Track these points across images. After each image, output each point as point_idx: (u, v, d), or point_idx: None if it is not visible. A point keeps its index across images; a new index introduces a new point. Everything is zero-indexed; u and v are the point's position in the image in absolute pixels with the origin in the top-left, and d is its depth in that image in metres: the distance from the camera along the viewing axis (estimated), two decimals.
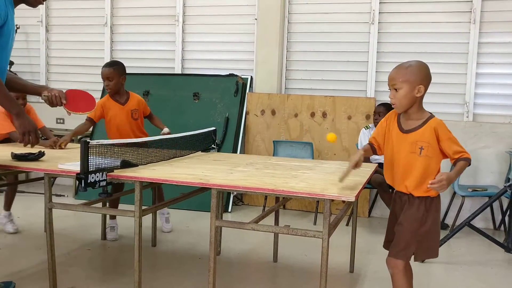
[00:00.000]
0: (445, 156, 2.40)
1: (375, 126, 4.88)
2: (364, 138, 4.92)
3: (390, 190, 4.55)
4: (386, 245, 2.58)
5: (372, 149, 2.57)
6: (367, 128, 4.94)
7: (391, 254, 2.45)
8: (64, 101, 2.88)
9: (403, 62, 2.40)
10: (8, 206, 4.27)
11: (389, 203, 4.61)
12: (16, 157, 2.90)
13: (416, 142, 2.35)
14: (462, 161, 2.35)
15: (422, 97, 2.36)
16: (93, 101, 3.14)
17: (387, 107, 4.78)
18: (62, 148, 3.68)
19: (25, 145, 2.66)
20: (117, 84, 3.96)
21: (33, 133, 2.59)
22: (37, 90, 2.93)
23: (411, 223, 2.40)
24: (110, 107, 3.99)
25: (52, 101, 2.85)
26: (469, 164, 2.38)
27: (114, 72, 3.94)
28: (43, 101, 2.91)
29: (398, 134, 2.43)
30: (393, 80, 2.36)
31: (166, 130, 3.95)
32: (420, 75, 2.34)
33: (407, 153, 2.38)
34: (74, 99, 2.98)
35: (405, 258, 2.42)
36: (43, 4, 2.78)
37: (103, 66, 4.01)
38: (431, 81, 2.41)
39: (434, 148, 2.35)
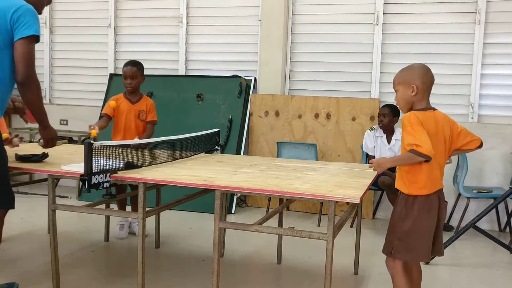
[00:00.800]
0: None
1: (380, 127, 4.86)
2: (369, 140, 4.88)
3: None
4: None
5: None
6: (372, 129, 4.91)
7: (382, 250, 2.55)
8: (26, 111, 3.09)
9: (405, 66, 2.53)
10: None
11: (392, 201, 4.59)
12: (20, 158, 2.90)
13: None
14: (408, 152, 2.30)
15: (422, 95, 2.43)
16: None
17: (392, 108, 4.77)
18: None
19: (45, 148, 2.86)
20: (138, 83, 4.06)
21: (55, 139, 2.82)
22: None
23: (393, 217, 2.49)
24: (121, 103, 4.04)
25: (17, 110, 3.10)
26: (420, 159, 2.29)
27: (138, 71, 4.05)
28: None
29: None
30: (393, 83, 2.53)
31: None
32: (412, 75, 2.44)
33: (403, 150, 2.45)
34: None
35: (385, 252, 2.51)
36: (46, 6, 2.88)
37: (126, 64, 4.07)
38: (435, 82, 2.48)
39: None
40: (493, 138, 5.05)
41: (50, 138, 2.79)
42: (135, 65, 4.06)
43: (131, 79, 4.01)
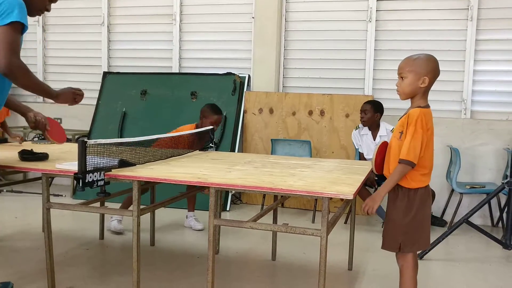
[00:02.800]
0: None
1: (363, 124, 4.85)
2: (354, 139, 4.90)
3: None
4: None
5: None
6: (357, 128, 4.90)
7: (383, 246, 2.54)
8: (48, 128, 3.05)
9: (413, 54, 2.49)
10: None
11: (364, 198, 4.58)
12: (24, 157, 2.91)
13: (399, 126, 2.45)
14: (399, 166, 2.37)
15: (426, 88, 2.43)
16: (64, 134, 3.22)
17: (373, 104, 4.77)
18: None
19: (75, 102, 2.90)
20: None
21: (75, 93, 2.89)
22: (21, 110, 3.12)
23: (394, 213, 2.48)
24: None
25: (38, 126, 3.03)
26: (408, 170, 2.37)
27: None
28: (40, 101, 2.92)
29: None
30: (401, 69, 2.46)
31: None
32: (426, 67, 2.41)
33: (393, 138, 2.47)
34: (52, 127, 3.09)
35: (392, 249, 2.50)
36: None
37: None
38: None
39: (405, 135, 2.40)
40: (486, 134, 5.09)
41: (71, 99, 2.82)
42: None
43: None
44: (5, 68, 2.36)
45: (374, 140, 4.83)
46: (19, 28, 2.42)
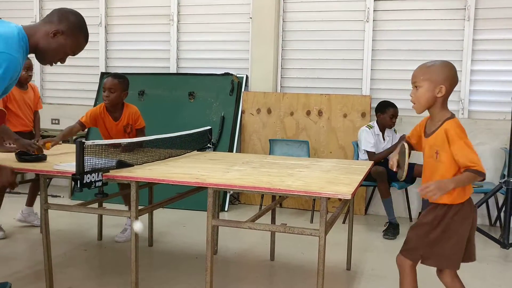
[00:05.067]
0: None
1: (389, 127, 4.87)
2: (370, 137, 4.76)
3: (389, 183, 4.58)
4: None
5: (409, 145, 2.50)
6: (371, 127, 4.83)
7: (400, 251, 2.42)
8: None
9: (429, 61, 2.33)
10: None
11: (385, 194, 4.59)
12: (22, 158, 2.90)
13: (432, 146, 2.27)
14: (468, 172, 2.17)
15: (444, 98, 2.26)
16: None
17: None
18: (47, 149, 3.34)
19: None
20: (117, 98, 3.72)
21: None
22: None
23: (422, 226, 2.34)
24: (104, 120, 3.81)
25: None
26: (482, 178, 2.19)
27: (119, 85, 3.71)
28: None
29: (423, 138, 2.37)
30: (415, 77, 2.29)
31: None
32: (443, 74, 2.23)
33: (426, 157, 2.31)
34: None
35: (410, 258, 2.37)
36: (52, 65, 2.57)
37: (108, 76, 3.82)
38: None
39: (447, 153, 2.22)
40: (483, 133, 5.10)
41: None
42: (116, 78, 3.73)
43: (110, 92, 3.67)
44: None
45: (384, 141, 4.84)
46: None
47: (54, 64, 2.50)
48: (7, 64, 2.13)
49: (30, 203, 4.43)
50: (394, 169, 2.43)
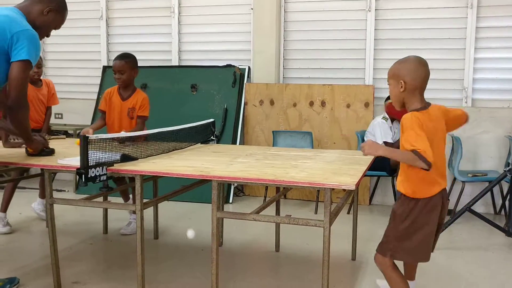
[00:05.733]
0: None
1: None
2: (387, 129, 4.73)
3: None
4: None
5: None
6: (386, 119, 4.79)
7: (376, 249, 2.46)
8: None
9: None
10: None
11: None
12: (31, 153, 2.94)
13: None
14: (408, 151, 2.18)
15: (410, 91, 2.32)
16: None
17: None
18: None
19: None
20: (129, 78, 3.85)
21: (44, 145, 2.98)
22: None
23: (393, 218, 2.40)
24: (112, 99, 3.92)
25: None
26: (426, 166, 2.15)
27: (127, 65, 3.83)
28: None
29: None
30: (387, 77, 2.43)
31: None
32: (402, 70, 2.33)
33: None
34: None
35: (383, 253, 2.40)
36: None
37: (115, 59, 3.91)
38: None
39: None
40: (487, 122, 5.08)
41: (40, 147, 2.91)
42: (123, 58, 3.85)
43: (120, 74, 3.81)
44: (15, 103, 2.54)
45: (393, 132, 4.83)
46: (30, 66, 2.56)
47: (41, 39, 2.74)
48: (36, 37, 2.57)
49: (43, 195, 4.49)
50: None
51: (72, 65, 6.67)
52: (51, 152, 2.98)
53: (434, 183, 2.34)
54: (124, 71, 3.83)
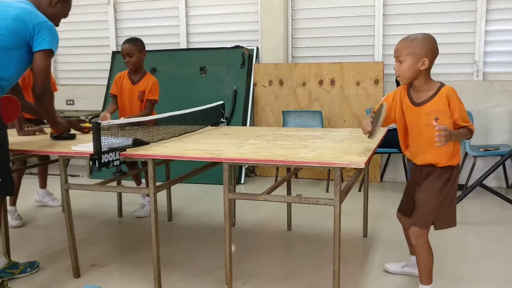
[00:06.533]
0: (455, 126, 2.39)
1: None
2: None
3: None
4: (403, 211, 2.72)
5: None
6: None
7: (416, 224, 2.47)
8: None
9: (409, 35, 2.41)
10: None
11: None
12: (55, 137, 3.11)
13: (431, 113, 2.37)
14: (465, 129, 2.37)
15: (428, 69, 2.38)
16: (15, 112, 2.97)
17: None
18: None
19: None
20: (138, 60, 3.94)
21: (67, 127, 3.20)
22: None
23: (434, 192, 2.45)
24: (123, 82, 3.99)
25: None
26: (470, 137, 2.44)
27: (134, 47, 3.91)
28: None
29: (411, 108, 2.45)
30: (398, 52, 2.39)
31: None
32: (425, 48, 2.35)
33: (424, 125, 2.39)
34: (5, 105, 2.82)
35: (424, 226, 2.45)
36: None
37: (123, 43, 3.98)
38: (438, 42, 2.41)
39: (449, 116, 2.35)
40: (499, 95, 5.03)
41: (63, 130, 3.12)
42: (131, 42, 3.94)
43: (129, 57, 3.89)
44: (42, 92, 2.69)
45: None
46: (52, 55, 2.72)
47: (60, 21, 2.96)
48: (54, 28, 2.73)
49: (43, 185, 4.56)
50: (368, 129, 2.49)
51: (81, 52, 6.70)
52: (72, 135, 3.15)
53: (458, 149, 2.50)
54: (133, 54, 3.91)
